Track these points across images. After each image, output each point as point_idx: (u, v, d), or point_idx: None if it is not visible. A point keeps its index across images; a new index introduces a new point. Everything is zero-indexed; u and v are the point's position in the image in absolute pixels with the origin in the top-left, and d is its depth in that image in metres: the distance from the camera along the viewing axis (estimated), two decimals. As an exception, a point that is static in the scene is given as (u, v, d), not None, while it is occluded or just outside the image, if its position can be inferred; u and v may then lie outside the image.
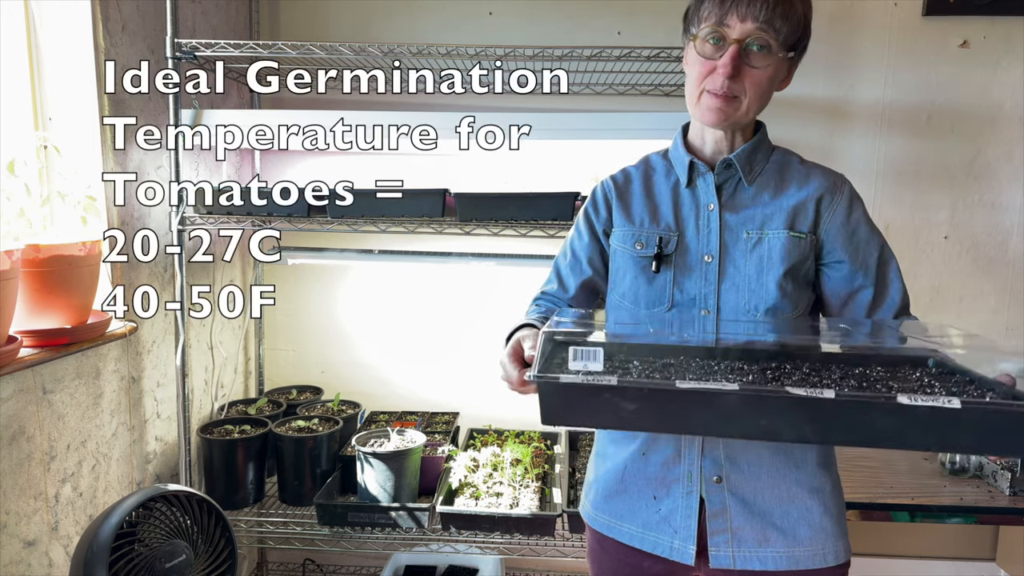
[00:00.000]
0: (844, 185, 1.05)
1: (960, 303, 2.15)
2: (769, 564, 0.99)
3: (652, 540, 1.03)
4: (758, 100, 0.97)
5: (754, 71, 0.95)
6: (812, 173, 1.06)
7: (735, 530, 1.00)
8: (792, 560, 0.99)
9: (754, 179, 1.05)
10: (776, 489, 1.00)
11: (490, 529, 1.69)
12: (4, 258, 1.19)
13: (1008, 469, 1.78)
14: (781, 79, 1.00)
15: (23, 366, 1.28)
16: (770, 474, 1.00)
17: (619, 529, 1.07)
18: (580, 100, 2.08)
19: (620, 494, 1.07)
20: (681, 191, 1.07)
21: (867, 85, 2.05)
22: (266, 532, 1.79)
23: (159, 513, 1.31)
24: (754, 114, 1.00)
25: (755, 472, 1.00)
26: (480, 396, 2.25)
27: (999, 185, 2.09)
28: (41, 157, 1.50)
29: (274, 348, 2.28)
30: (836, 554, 1.01)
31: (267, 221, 1.69)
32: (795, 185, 1.04)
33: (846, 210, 1.04)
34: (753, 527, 1.00)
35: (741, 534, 1.00)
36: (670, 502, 1.02)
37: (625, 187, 1.12)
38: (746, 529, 1.00)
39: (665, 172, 1.10)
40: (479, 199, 1.66)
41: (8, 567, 1.30)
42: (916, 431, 0.72)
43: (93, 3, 1.47)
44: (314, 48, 1.64)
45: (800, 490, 1.00)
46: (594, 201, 1.15)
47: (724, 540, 1.00)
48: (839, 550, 1.02)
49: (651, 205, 1.08)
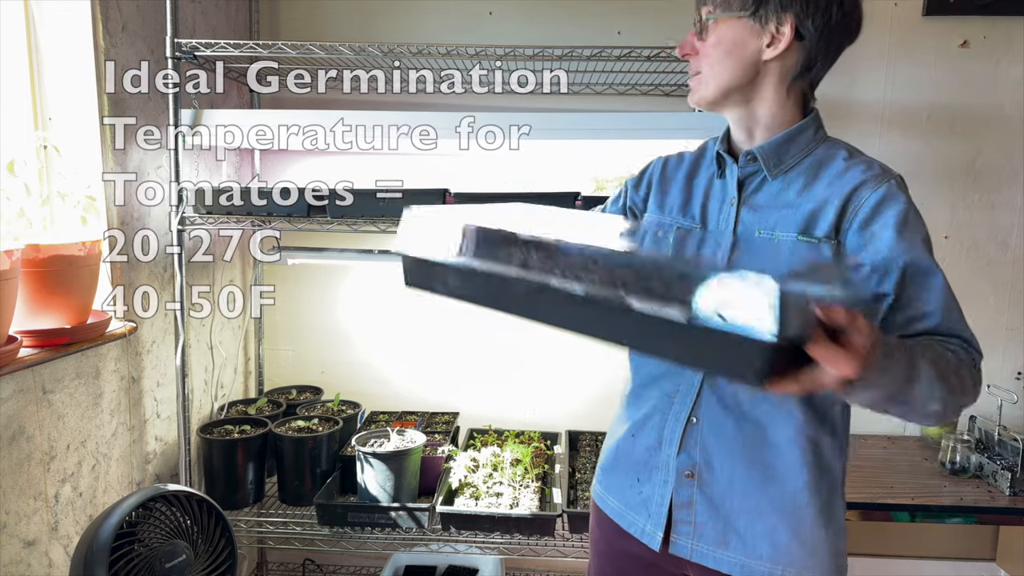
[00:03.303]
0: (883, 182, 0.93)
1: (960, 303, 2.14)
2: (723, 567, 0.98)
3: (629, 519, 1.06)
4: (711, 69, 0.95)
5: (704, 44, 0.96)
6: (852, 169, 0.94)
7: (698, 524, 1.00)
8: (747, 571, 0.97)
9: (781, 173, 0.97)
10: (745, 499, 0.97)
11: (490, 529, 1.69)
12: (4, 258, 1.19)
13: (1008, 469, 1.78)
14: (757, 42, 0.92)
15: (23, 366, 1.28)
16: (742, 482, 0.97)
17: (607, 502, 1.11)
18: (580, 100, 2.08)
19: (613, 470, 1.11)
20: (715, 182, 1.04)
21: (867, 85, 2.05)
22: (266, 532, 1.79)
23: (159, 513, 1.31)
24: (716, 85, 0.95)
25: (727, 476, 0.98)
26: (480, 396, 2.25)
27: (999, 185, 2.09)
28: (41, 157, 1.50)
29: (274, 348, 2.28)
30: None
31: (267, 221, 1.69)
32: (825, 182, 0.95)
33: (871, 209, 0.91)
34: (715, 527, 0.99)
35: (703, 530, 1.00)
36: (650, 487, 1.04)
37: (671, 174, 1.10)
38: (708, 527, 0.99)
39: (710, 160, 1.07)
40: (479, 199, 1.66)
41: (8, 567, 1.30)
42: (648, 337, 0.68)
43: (93, 3, 1.47)
44: (314, 48, 1.64)
45: (770, 507, 0.96)
46: (639, 177, 1.14)
47: (686, 531, 1.01)
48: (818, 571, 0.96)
49: (687, 194, 1.06)
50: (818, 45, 0.93)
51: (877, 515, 1.72)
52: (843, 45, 0.96)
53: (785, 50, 0.92)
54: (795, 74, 0.95)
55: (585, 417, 2.21)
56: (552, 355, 2.22)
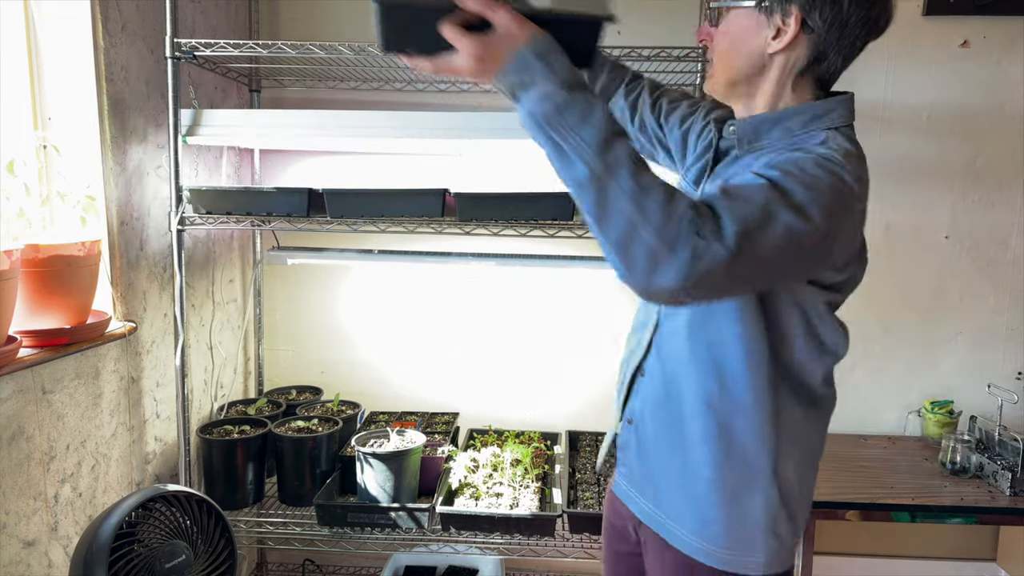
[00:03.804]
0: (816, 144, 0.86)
1: (960, 303, 2.14)
2: (642, 516, 1.04)
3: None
4: (719, 58, 0.95)
5: (716, 32, 0.96)
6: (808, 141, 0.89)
7: (631, 468, 1.07)
8: (658, 525, 1.01)
9: (750, 151, 0.94)
10: (660, 456, 1.01)
11: (490, 529, 1.69)
12: (3, 258, 1.19)
13: (1009, 469, 1.78)
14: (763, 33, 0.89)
15: (22, 366, 1.28)
16: (662, 439, 1.01)
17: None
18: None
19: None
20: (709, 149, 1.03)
21: (867, 85, 2.05)
22: (266, 532, 1.79)
23: (159, 513, 1.31)
24: (723, 75, 0.95)
25: (653, 431, 1.02)
26: (480, 396, 2.25)
27: (999, 185, 2.09)
28: (41, 157, 1.50)
29: (274, 348, 2.27)
30: (707, 554, 0.96)
31: (267, 221, 1.69)
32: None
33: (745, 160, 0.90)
34: (642, 474, 1.04)
35: (634, 474, 1.06)
36: (613, 429, 1.14)
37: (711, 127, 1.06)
38: (637, 473, 1.05)
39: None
40: (479, 199, 1.66)
41: (8, 567, 1.30)
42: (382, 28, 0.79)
43: (93, 3, 1.47)
44: (314, 48, 1.64)
45: (676, 471, 0.98)
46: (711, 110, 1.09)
47: (624, 473, 1.09)
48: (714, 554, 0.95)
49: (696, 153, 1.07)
50: (827, 39, 0.87)
51: (877, 515, 1.72)
52: (861, 38, 0.89)
53: (791, 43, 0.88)
54: (802, 67, 0.91)
55: (585, 417, 2.21)
56: (552, 355, 2.22)
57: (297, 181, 2.17)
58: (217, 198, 1.69)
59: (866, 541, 2.21)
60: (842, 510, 1.71)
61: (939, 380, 2.17)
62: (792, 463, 0.95)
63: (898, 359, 2.17)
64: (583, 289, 2.18)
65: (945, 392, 2.17)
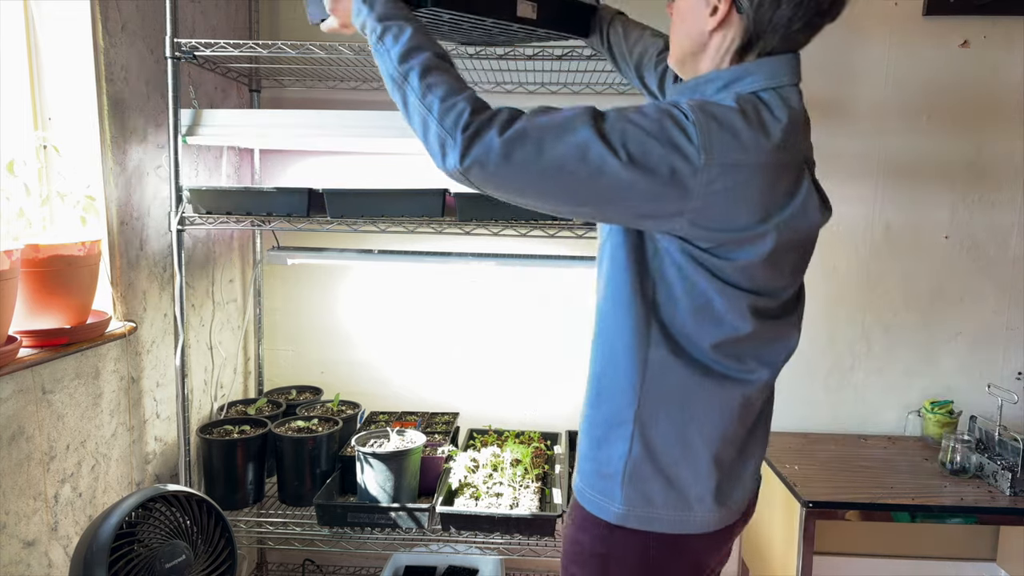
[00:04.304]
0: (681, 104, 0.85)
1: (960, 303, 2.15)
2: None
3: None
4: (672, 36, 0.97)
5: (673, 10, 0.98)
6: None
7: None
8: (577, 489, 1.05)
9: None
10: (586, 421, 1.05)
11: (490, 529, 1.69)
12: (4, 258, 1.19)
13: (1008, 469, 1.78)
14: (703, 12, 0.90)
15: (22, 366, 1.28)
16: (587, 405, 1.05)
17: None
18: (581, 99, 2.08)
19: None
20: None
21: (867, 85, 2.05)
22: (266, 532, 1.79)
23: (159, 513, 1.31)
24: (674, 50, 0.97)
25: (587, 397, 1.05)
26: (480, 396, 2.25)
27: (999, 185, 2.09)
28: (41, 157, 1.50)
29: (274, 348, 2.27)
30: (580, 493, 1.03)
31: (267, 221, 1.69)
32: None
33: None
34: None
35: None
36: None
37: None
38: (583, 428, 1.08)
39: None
40: (479, 199, 1.65)
41: (7, 567, 1.30)
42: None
43: (93, 3, 1.47)
44: (314, 48, 1.64)
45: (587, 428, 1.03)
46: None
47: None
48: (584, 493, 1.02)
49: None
50: (757, 18, 0.86)
51: (877, 515, 1.72)
52: (800, 19, 0.86)
53: (724, 22, 0.88)
54: (738, 47, 0.89)
55: (585, 417, 2.21)
56: (552, 355, 2.22)
57: (297, 181, 2.17)
58: (217, 198, 1.69)
59: (866, 541, 2.21)
60: (842, 510, 1.71)
61: (939, 380, 2.18)
62: (669, 423, 0.95)
63: (898, 359, 2.17)
64: (583, 289, 2.18)
65: (945, 392, 2.17)
